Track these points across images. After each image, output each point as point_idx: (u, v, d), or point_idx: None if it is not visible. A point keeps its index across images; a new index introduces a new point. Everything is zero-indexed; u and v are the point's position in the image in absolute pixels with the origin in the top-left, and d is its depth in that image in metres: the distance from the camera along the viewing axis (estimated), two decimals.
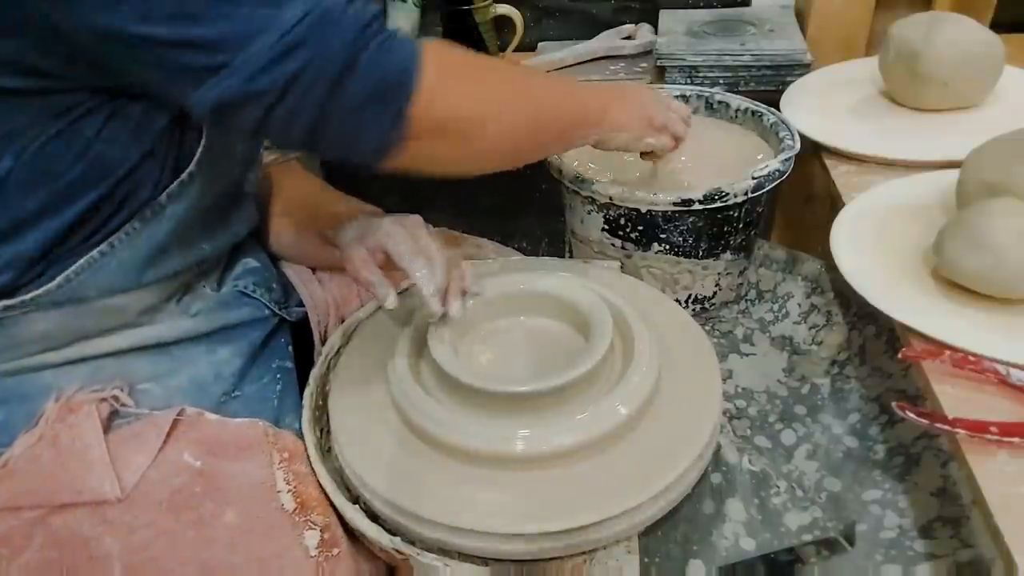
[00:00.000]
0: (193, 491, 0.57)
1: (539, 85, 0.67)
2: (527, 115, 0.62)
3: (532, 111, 0.62)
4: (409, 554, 0.54)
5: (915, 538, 0.63)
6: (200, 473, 0.58)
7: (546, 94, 0.66)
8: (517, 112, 0.61)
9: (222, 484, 0.58)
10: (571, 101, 0.68)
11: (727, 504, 0.67)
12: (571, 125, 0.68)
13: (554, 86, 0.71)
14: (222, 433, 0.60)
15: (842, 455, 0.71)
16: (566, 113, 0.67)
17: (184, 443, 0.59)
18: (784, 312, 0.87)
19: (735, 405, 0.77)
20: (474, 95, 0.56)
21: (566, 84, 0.84)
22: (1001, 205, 0.63)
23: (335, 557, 0.57)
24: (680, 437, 0.58)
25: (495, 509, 0.54)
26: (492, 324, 0.69)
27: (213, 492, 0.57)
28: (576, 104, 0.68)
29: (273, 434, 0.62)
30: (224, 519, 0.56)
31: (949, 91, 0.89)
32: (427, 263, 0.62)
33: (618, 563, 0.55)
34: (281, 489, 0.58)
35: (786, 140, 0.83)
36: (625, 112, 0.72)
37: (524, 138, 0.63)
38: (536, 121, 0.63)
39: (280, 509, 0.58)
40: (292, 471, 0.60)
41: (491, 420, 0.58)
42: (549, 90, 0.67)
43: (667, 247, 0.80)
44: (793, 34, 1.11)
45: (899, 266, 0.70)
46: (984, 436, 0.53)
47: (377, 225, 0.64)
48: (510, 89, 0.61)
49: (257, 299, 0.71)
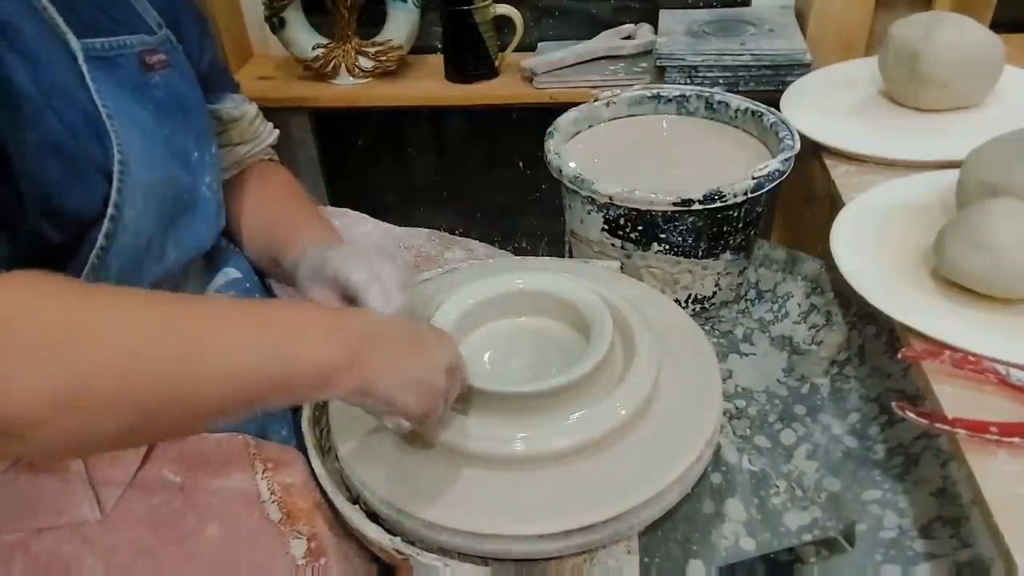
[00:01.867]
0: (173, 507, 0.56)
1: (206, 345, 0.41)
2: (149, 390, 0.39)
3: (168, 380, 0.40)
4: (409, 554, 0.54)
5: (915, 538, 0.63)
6: (180, 489, 0.57)
7: (217, 358, 0.41)
8: (130, 386, 0.38)
9: (202, 499, 0.57)
10: (262, 358, 0.43)
11: (727, 504, 0.67)
12: (251, 394, 0.43)
13: (241, 340, 0.43)
14: (201, 447, 0.60)
15: (842, 455, 0.71)
16: (247, 380, 0.42)
17: (163, 460, 0.59)
18: (784, 312, 0.87)
19: (735, 405, 0.77)
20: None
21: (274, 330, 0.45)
22: (1001, 205, 0.63)
23: (323, 567, 0.56)
24: (680, 437, 0.58)
25: (495, 509, 0.54)
26: (492, 324, 0.69)
27: (194, 507, 0.57)
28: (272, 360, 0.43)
29: (255, 445, 0.61)
30: (206, 533, 0.55)
31: (949, 91, 0.89)
32: (382, 291, 0.59)
33: (618, 563, 0.55)
34: (266, 499, 0.58)
35: (786, 140, 0.83)
36: (381, 378, 0.47)
37: (150, 419, 0.40)
38: (177, 400, 0.40)
39: (265, 520, 0.57)
40: (277, 481, 0.59)
41: (491, 420, 0.58)
42: (224, 350, 0.42)
43: (667, 247, 0.80)
44: (793, 34, 1.11)
45: (899, 266, 0.70)
46: (984, 436, 0.53)
47: (331, 257, 0.62)
48: (118, 357, 0.38)
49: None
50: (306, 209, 0.78)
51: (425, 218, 1.58)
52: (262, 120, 0.82)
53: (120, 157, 0.57)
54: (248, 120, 0.79)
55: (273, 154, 0.84)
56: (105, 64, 0.59)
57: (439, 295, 0.69)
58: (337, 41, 1.28)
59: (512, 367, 0.66)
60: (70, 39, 0.56)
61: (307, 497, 0.59)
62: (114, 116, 0.58)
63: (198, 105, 0.70)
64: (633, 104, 0.96)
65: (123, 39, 0.61)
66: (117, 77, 0.60)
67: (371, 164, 1.56)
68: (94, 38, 0.58)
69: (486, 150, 1.52)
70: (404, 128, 1.51)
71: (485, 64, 1.25)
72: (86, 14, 0.59)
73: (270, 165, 0.83)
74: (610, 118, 0.97)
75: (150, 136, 0.62)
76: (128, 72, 0.61)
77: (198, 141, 0.68)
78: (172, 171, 0.65)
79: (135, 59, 0.62)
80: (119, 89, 0.59)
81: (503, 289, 0.69)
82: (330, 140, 1.53)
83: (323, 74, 1.28)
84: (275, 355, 0.43)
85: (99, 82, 0.57)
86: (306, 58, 1.28)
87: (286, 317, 0.45)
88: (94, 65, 0.58)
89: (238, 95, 0.79)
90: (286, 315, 0.46)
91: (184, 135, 0.66)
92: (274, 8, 1.25)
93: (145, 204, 0.60)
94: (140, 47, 0.63)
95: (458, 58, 1.25)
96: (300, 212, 0.77)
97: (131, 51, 0.62)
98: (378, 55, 1.27)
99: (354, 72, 1.28)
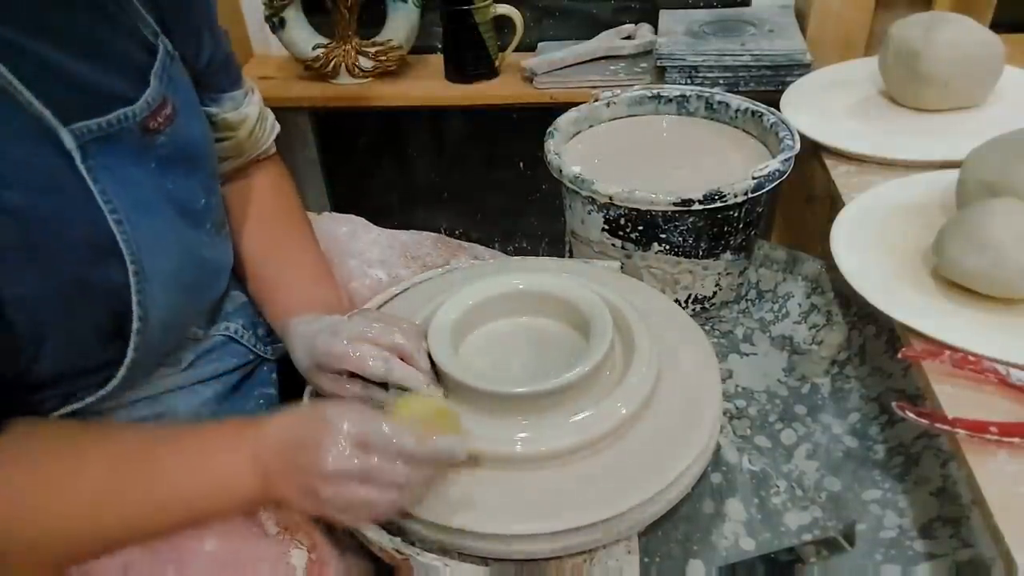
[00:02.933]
0: None
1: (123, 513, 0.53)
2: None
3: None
4: (409, 554, 0.54)
5: (915, 538, 0.63)
6: None
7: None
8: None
9: None
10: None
11: (727, 504, 0.67)
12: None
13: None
14: None
15: (842, 455, 0.71)
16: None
17: None
18: (784, 312, 0.87)
19: (735, 405, 0.77)
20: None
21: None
22: (1001, 205, 0.63)
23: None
24: (680, 437, 0.58)
25: (495, 509, 0.54)
26: (492, 324, 0.69)
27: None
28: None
29: None
30: (204, 549, 0.54)
31: (949, 91, 0.89)
32: (400, 365, 0.58)
33: (618, 563, 0.55)
34: (262, 515, 0.57)
35: (786, 140, 0.83)
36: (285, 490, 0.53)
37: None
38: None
39: (263, 533, 0.56)
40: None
41: (491, 420, 0.58)
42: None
43: (667, 247, 0.80)
44: (793, 34, 1.11)
45: (899, 266, 0.70)
46: (984, 436, 0.53)
47: (323, 348, 0.60)
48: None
49: (243, 344, 0.71)
50: (290, 245, 0.75)
51: (425, 218, 1.58)
52: (262, 125, 0.76)
53: (136, 280, 0.55)
54: (247, 128, 0.73)
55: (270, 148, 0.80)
56: (102, 145, 0.54)
57: (439, 295, 0.69)
58: (337, 41, 1.28)
59: (512, 367, 0.66)
60: (62, 134, 0.51)
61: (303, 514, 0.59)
62: (123, 218, 0.54)
63: (205, 147, 0.65)
64: (633, 104, 0.96)
65: (120, 113, 0.55)
66: (116, 152, 0.55)
67: (371, 164, 1.56)
68: (86, 120, 0.52)
69: (486, 150, 1.52)
70: (404, 128, 1.51)
71: (485, 64, 1.25)
72: (74, 85, 0.53)
73: (260, 175, 0.78)
74: (610, 118, 0.97)
75: (156, 210, 0.58)
76: (128, 143, 0.56)
77: (205, 184, 0.64)
78: (184, 242, 0.61)
79: (136, 128, 0.56)
80: (119, 163, 0.55)
81: (503, 289, 0.69)
82: (330, 140, 1.53)
83: (323, 74, 1.28)
84: (202, 508, 0.54)
85: (97, 171, 0.53)
86: (306, 58, 1.28)
87: (205, 469, 0.54)
88: (90, 152, 0.53)
89: (239, 91, 0.72)
90: (205, 467, 0.54)
91: (189, 182, 0.62)
92: (274, 8, 1.25)
93: (167, 310, 0.59)
94: (143, 114, 0.56)
95: (458, 58, 1.25)
96: (285, 256, 0.75)
97: (131, 123, 0.56)
98: (378, 55, 1.27)
99: (354, 72, 1.28)
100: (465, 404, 0.59)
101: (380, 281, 0.80)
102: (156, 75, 0.58)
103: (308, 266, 0.74)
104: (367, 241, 0.84)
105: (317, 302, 0.68)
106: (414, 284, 0.78)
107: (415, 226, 0.91)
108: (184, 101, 0.62)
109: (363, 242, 0.84)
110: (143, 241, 0.55)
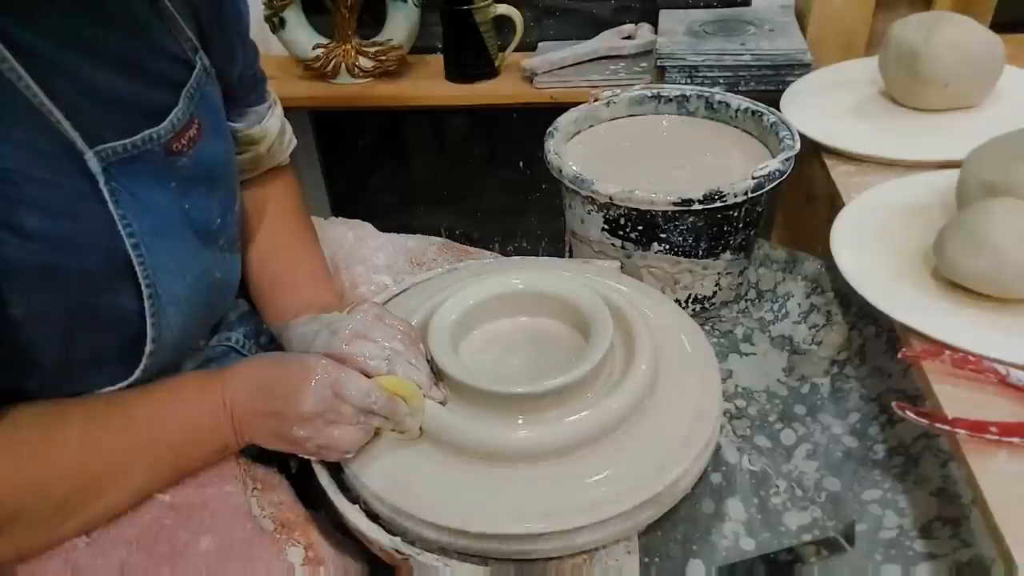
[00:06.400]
0: (164, 524, 0.55)
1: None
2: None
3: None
4: (409, 554, 0.54)
5: (915, 538, 0.63)
6: (170, 507, 0.57)
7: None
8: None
9: (194, 513, 0.56)
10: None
11: (727, 504, 0.67)
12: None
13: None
14: None
15: (842, 455, 0.71)
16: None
17: None
18: (784, 312, 0.87)
19: (735, 405, 0.77)
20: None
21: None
22: (1001, 205, 0.63)
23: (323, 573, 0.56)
24: (680, 437, 0.58)
25: (495, 509, 0.54)
26: (492, 324, 0.69)
27: (185, 522, 0.56)
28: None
29: (245, 463, 0.61)
30: (200, 547, 0.54)
31: (949, 91, 0.89)
32: (402, 364, 0.58)
33: (618, 563, 0.55)
34: (257, 514, 0.57)
35: (786, 140, 0.83)
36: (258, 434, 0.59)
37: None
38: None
39: (258, 530, 0.56)
40: (267, 499, 0.59)
41: (491, 420, 0.58)
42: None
43: (667, 247, 0.80)
44: (793, 34, 1.11)
45: (899, 266, 0.70)
46: (984, 436, 0.53)
47: (322, 348, 0.59)
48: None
49: (244, 354, 0.71)
50: (292, 249, 0.76)
51: (425, 218, 1.58)
52: (280, 140, 0.77)
53: (150, 294, 0.56)
54: (267, 143, 0.74)
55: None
56: (126, 166, 0.54)
57: (439, 295, 0.69)
58: (337, 41, 1.28)
59: (512, 367, 0.66)
60: (87, 157, 0.51)
61: (298, 513, 0.59)
62: (140, 242, 0.54)
63: (227, 167, 0.66)
64: (633, 104, 0.96)
65: (146, 135, 0.55)
66: (139, 172, 0.55)
67: (371, 164, 1.56)
68: (112, 142, 0.53)
69: (486, 150, 1.52)
70: (404, 128, 1.51)
71: (485, 64, 1.25)
72: (105, 102, 0.53)
73: (270, 183, 0.79)
74: (610, 118, 0.97)
75: (173, 233, 0.58)
76: (151, 164, 0.56)
77: (223, 203, 0.65)
78: (199, 264, 0.61)
79: (160, 150, 0.56)
80: (140, 185, 0.55)
81: (503, 289, 0.69)
82: (330, 140, 1.53)
83: (323, 74, 1.28)
84: (180, 453, 0.57)
85: (119, 194, 0.53)
86: (306, 58, 1.28)
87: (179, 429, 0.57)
88: (113, 173, 0.53)
89: (263, 106, 0.74)
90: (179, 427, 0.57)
91: (208, 202, 0.62)
92: (274, 8, 1.25)
93: (180, 322, 0.60)
94: (167, 136, 0.57)
95: (458, 58, 1.25)
96: (286, 259, 0.75)
97: (155, 144, 0.56)
98: (378, 55, 1.27)
99: (354, 72, 1.28)
100: (465, 403, 0.59)
101: (386, 287, 0.80)
102: (188, 94, 0.59)
103: (308, 270, 0.75)
104: (373, 247, 0.84)
105: (316, 304, 0.69)
106: (414, 284, 0.78)
107: (415, 226, 0.92)
108: (212, 120, 0.62)
109: (369, 248, 0.84)
110: (159, 266, 0.56)
